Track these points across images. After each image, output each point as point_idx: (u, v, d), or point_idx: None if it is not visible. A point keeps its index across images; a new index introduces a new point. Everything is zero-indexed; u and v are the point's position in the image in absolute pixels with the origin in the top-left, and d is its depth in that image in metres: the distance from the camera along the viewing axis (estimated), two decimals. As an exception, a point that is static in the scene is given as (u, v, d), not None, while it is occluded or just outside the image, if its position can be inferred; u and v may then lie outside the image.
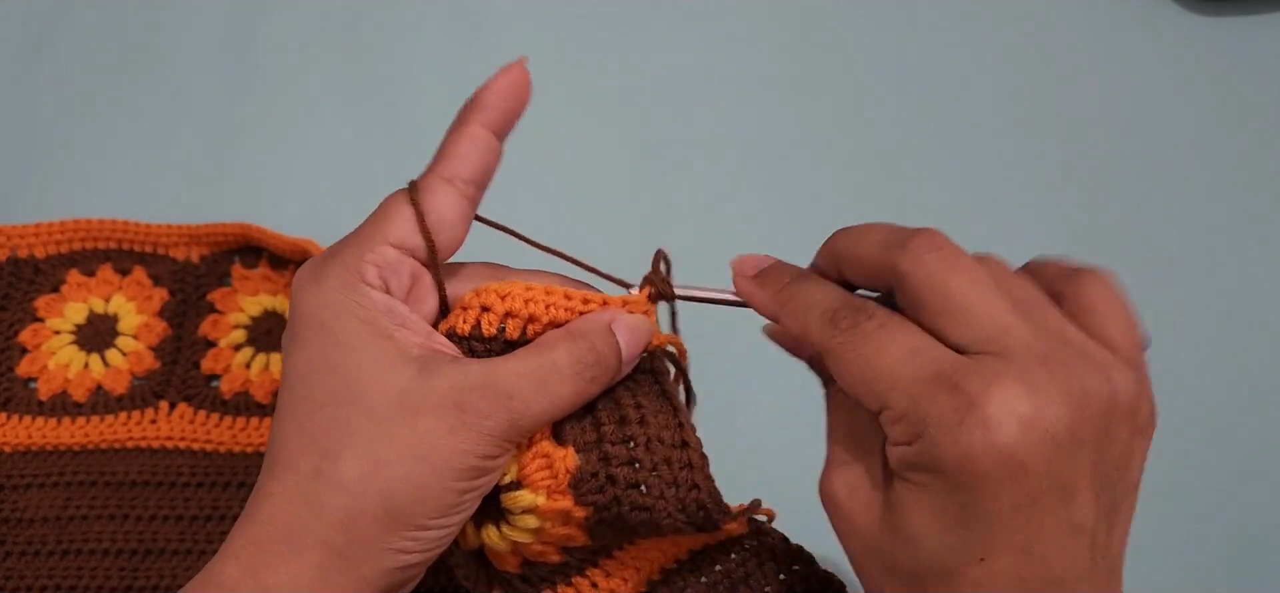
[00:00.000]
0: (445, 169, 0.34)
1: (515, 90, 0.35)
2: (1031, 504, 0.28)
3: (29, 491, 0.50)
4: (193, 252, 0.57)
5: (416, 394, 0.31)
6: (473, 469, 0.32)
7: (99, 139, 0.64)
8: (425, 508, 0.31)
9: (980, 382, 0.28)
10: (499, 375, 0.32)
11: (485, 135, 0.34)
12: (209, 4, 0.70)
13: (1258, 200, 0.61)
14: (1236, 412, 0.54)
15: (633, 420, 0.34)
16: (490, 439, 0.31)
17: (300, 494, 0.31)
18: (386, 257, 0.33)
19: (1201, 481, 0.52)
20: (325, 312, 0.32)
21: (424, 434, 0.31)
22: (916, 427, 0.28)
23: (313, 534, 0.31)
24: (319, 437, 0.31)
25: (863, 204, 0.62)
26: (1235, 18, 0.68)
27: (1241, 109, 0.65)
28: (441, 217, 0.34)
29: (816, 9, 0.69)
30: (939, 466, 0.28)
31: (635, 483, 0.34)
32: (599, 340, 0.34)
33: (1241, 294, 0.58)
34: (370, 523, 0.31)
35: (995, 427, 0.27)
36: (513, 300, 0.34)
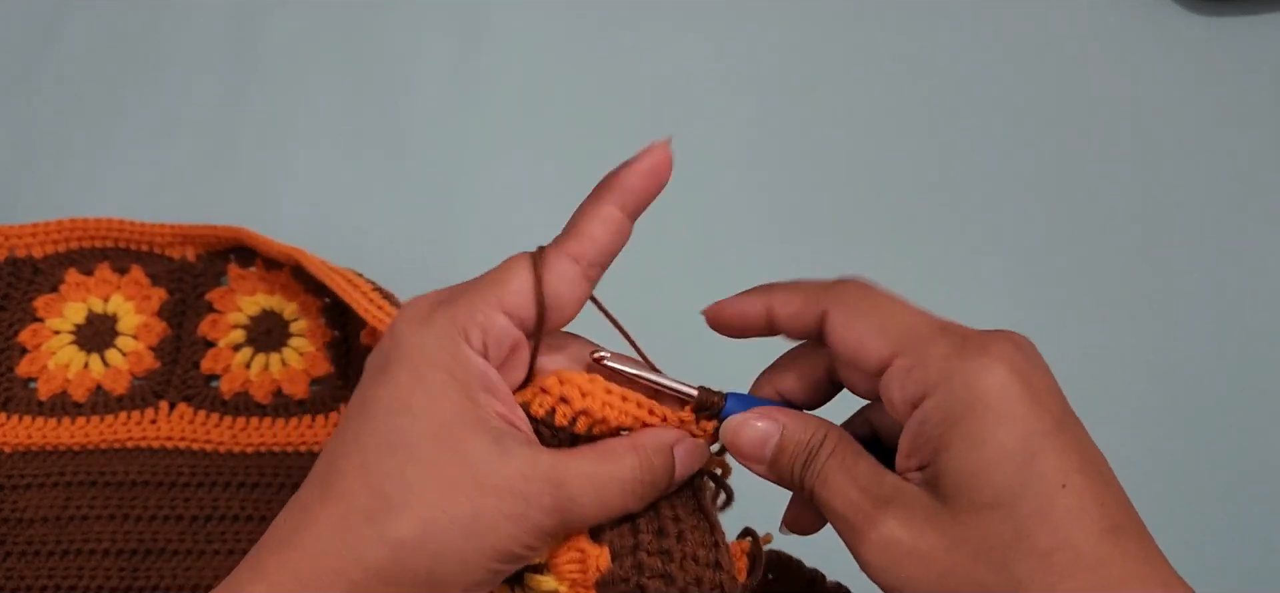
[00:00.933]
0: (573, 247, 0.33)
1: (657, 174, 0.34)
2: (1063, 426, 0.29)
3: (29, 491, 0.50)
4: (188, 251, 0.57)
5: (486, 471, 0.31)
6: (515, 556, 0.32)
7: (99, 139, 0.64)
8: (462, 581, 0.31)
9: (980, 335, 0.30)
10: (566, 476, 0.32)
11: (619, 218, 0.34)
12: (209, 4, 0.70)
13: (1258, 200, 0.61)
14: (1237, 411, 0.54)
15: (670, 533, 0.34)
16: (540, 534, 0.32)
17: (347, 533, 0.31)
18: (495, 323, 0.32)
19: (1201, 481, 0.52)
20: (421, 357, 0.32)
21: (482, 514, 0.31)
22: (937, 369, 0.30)
23: (347, 577, 0.30)
24: (381, 481, 0.31)
25: (862, 204, 0.62)
26: (1235, 18, 0.68)
27: (1241, 109, 0.65)
28: (558, 295, 0.33)
29: (816, 10, 0.69)
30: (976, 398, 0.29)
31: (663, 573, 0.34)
32: (659, 460, 0.34)
33: (1242, 294, 0.58)
34: (408, 581, 0.31)
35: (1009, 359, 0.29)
36: (592, 401, 0.34)
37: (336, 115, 0.65)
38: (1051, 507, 0.28)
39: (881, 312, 0.32)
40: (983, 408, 0.29)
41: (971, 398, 0.29)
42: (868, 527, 0.31)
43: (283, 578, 0.30)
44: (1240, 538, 0.51)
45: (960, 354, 0.29)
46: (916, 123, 0.65)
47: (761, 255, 0.59)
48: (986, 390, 0.29)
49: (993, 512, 0.28)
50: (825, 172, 0.63)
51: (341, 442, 0.32)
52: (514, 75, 0.67)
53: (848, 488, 0.32)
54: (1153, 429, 0.53)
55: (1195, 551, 0.50)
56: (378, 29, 0.69)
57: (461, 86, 0.66)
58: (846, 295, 0.32)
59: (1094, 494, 0.28)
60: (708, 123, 0.65)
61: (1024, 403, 0.29)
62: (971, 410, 0.29)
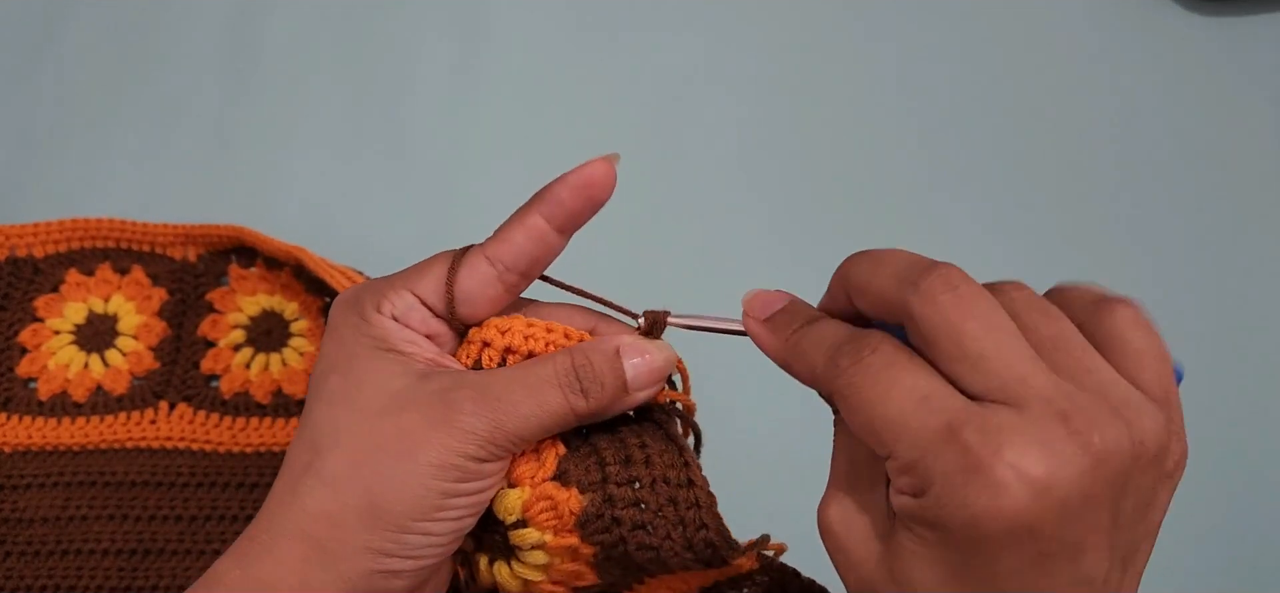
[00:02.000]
0: (492, 249, 0.35)
1: (588, 190, 0.34)
2: (1037, 566, 0.27)
3: (29, 491, 0.50)
4: (189, 251, 0.57)
5: (408, 394, 0.32)
6: (454, 469, 0.31)
7: (99, 139, 0.64)
8: (406, 506, 0.31)
9: (991, 440, 0.26)
10: (490, 380, 0.33)
11: (543, 228, 0.34)
12: (209, 4, 0.70)
13: (1257, 200, 0.61)
14: (1237, 411, 0.54)
15: (638, 461, 0.34)
16: (474, 438, 0.32)
17: (289, 488, 0.32)
18: (402, 299, 0.34)
19: (1201, 482, 0.52)
20: (344, 328, 0.34)
21: (408, 430, 0.31)
22: (922, 481, 0.27)
23: (295, 526, 0.31)
24: (314, 434, 0.33)
25: (862, 205, 0.62)
26: (1235, 18, 0.68)
27: (1241, 109, 0.65)
28: (469, 292, 0.34)
29: (815, 10, 0.69)
30: (943, 524, 0.27)
31: (640, 524, 0.34)
32: (597, 357, 0.34)
33: (1242, 294, 0.58)
34: (351, 518, 0.31)
35: (1004, 490, 0.26)
36: (513, 335, 0.35)
37: (336, 115, 0.65)
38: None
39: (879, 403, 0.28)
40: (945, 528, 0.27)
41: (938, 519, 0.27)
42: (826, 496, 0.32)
43: (243, 546, 0.32)
44: (1238, 538, 0.51)
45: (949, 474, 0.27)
46: (916, 123, 0.65)
47: (762, 255, 0.59)
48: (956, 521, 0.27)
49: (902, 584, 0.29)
50: (825, 172, 0.63)
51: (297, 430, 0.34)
52: (514, 76, 0.67)
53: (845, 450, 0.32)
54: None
55: (1195, 551, 0.50)
56: (378, 29, 0.69)
57: (461, 87, 0.66)
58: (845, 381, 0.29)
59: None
60: (708, 123, 0.65)
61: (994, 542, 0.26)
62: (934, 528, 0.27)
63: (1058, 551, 0.26)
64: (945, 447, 0.27)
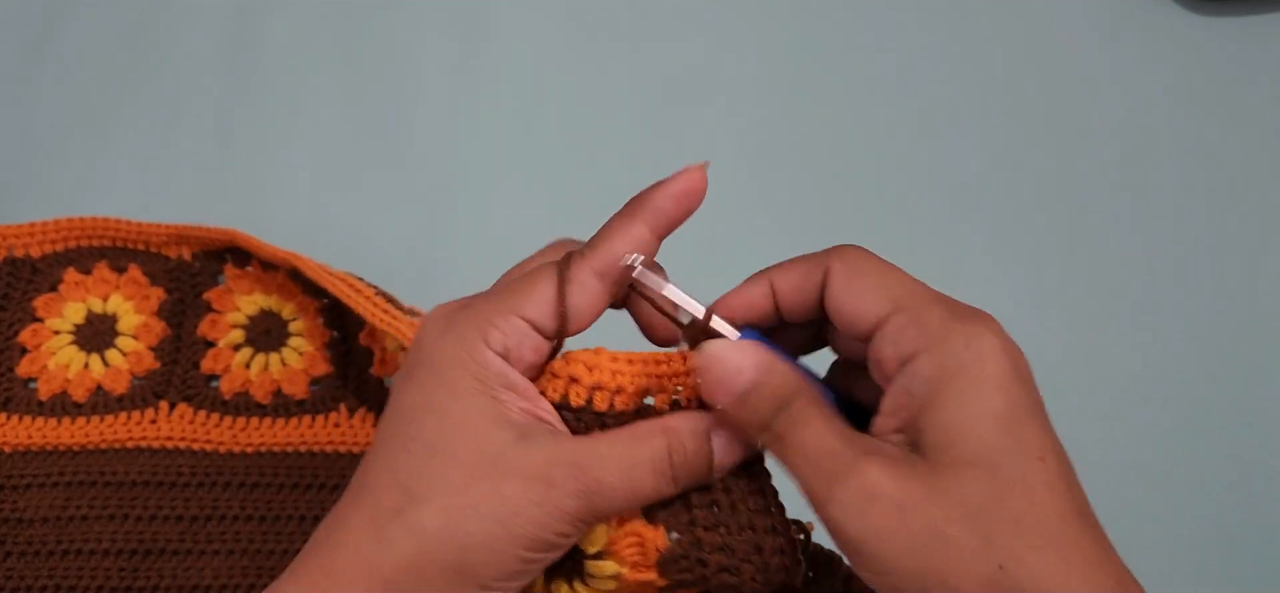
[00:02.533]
0: (601, 263, 0.34)
1: (689, 198, 0.35)
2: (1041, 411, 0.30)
3: (29, 491, 0.50)
4: (184, 251, 0.57)
5: (509, 459, 0.32)
6: (544, 542, 0.32)
7: (98, 139, 0.64)
8: (491, 570, 0.31)
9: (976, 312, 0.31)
10: (590, 459, 0.32)
11: (647, 238, 0.34)
12: (209, 4, 0.70)
13: (1257, 200, 0.61)
14: (1237, 411, 0.54)
15: (723, 504, 0.34)
16: (568, 519, 0.32)
17: (375, 529, 0.31)
18: (514, 327, 0.33)
19: (1201, 481, 0.52)
20: (441, 359, 0.33)
21: (508, 500, 0.31)
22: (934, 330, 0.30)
23: (378, 569, 0.31)
24: (406, 477, 0.32)
25: (861, 205, 0.62)
26: (1235, 18, 0.68)
27: (1241, 109, 0.65)
28: (578, 308, 0.34)
29: (816, 11, 0.69)
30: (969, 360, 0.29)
31: (726, 567, 0.34)
32: (691, 442, 0.34)
33: (1242, 294, 0.58)
34: (437, 573, 0.31)
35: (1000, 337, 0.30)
36: (600, 372, 0.34)
37: (336, 115, 0.65)
38: (1030, 477, 0.28)
39: (881, 274, 0.32)
40: (977, 369, 0.29)
41: (967, 359, 0.29)
42: (848, 474, 0.30)
43: (318, 579, 0.31)
44: (1235, 537, 0.51)
45: (956, 319, 0.30)
46: (915, 123, 0.65)
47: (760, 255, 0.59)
48: (981, 355, 0.29)
49: (974, 470, 0.29)
50: (825, 173, 0.63)
51: (374, 451, 0.33)
52: (514, 76, 0.67)
53: (826, 434, 0.31)
54: (1152, 429, 0.53)
55: (1197, 552, 0.50)
56: (378, 29, 0.69)
57: (461, 87, 0.66)
58: (848, 256, 0.33)
59: (1064, 478, 0.29)
60: (708, 123, 0.65)
61: (1012, 376, 0.29)
62: (965, 371, 0.29)
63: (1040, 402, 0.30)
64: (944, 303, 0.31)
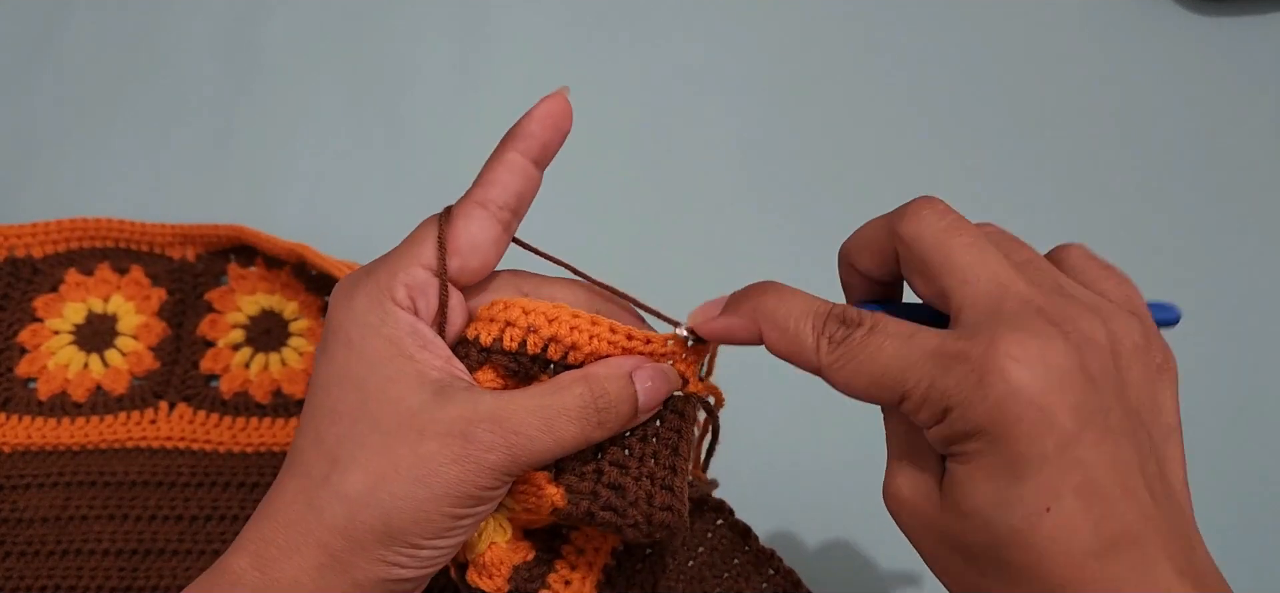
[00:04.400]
0: (480, 194, 0.35)
1: (554, 120, 0.36)
2: (1073, 442, 0.28)
3: (29, 491, 0.50)
4: (188, 251, 0.57)
5: (425, 418, 0.32)
6: (470, 498, 0.33)
7: (99, 139, 0.64)
8: (420, 529, 0.32)
9: (982, 343, 0.28)
10: (508, 410, 0.33)
11: (521, 162, 0.35)
12: (209, 4, 0.70)
13: (1257, 200, 0.61)
14: (1237, 411, 0.54)
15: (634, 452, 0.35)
16: (491, 472, 0.32)
17: (306, 497, 0.33)
18: (416, 278, 0.34)
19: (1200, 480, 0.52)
20: (353, 327, 0.34)
21: (427, 459, 0.32)
22: (940, 402, 0.29)
23: (313, 536, 0.32)
24: (332, 445, 0.33)
25: (861, 205, 0.62)
26: (1235, 18, 0.68)
27: (1241, 109, 0.65)
28: (473, 240, 0.35)
29: (815, 11, 0.69)
30: (976, 428, 0.28)
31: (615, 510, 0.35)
32: (613, 386, 0.34)
33: (1242, 294, 0.58)
34: (366, 534, 0.32)
35: (1011, 374, 0.28)
36: (558, 326, 0.34)
37: (336, 115, 0.65)
38: (1031, 531, 0.28)
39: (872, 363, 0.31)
40: (978, 434, 0.28)
41: (968, 428, 0.29)
42: (892, 470, 0.32)
43: (260, 547, 0.33)
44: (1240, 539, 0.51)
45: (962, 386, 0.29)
46: (915, 123, 0.65)
47: (761, 255, 0.59)
48: (982, 419, 0.28)
49: (971, 520, 0.29)
50: (825, 173, 0.63)
51: (301, 424, 0.34)
52: (514, 76, 0.67)
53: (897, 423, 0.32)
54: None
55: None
56: (378, 29, 0.69)
57: (461, 87, 0.66)
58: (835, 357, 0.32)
59: (1088, 513, 0.28)
60: (707, 122, 0.65)
61: (1023, 423, 0.28)
62: (968, 437, 0.29)
63: (1083, 424, 0.28)
64: (947, 364, 0.29)
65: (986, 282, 0.30)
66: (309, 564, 0.32)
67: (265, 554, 0.32)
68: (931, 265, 0.31)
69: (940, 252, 0.31)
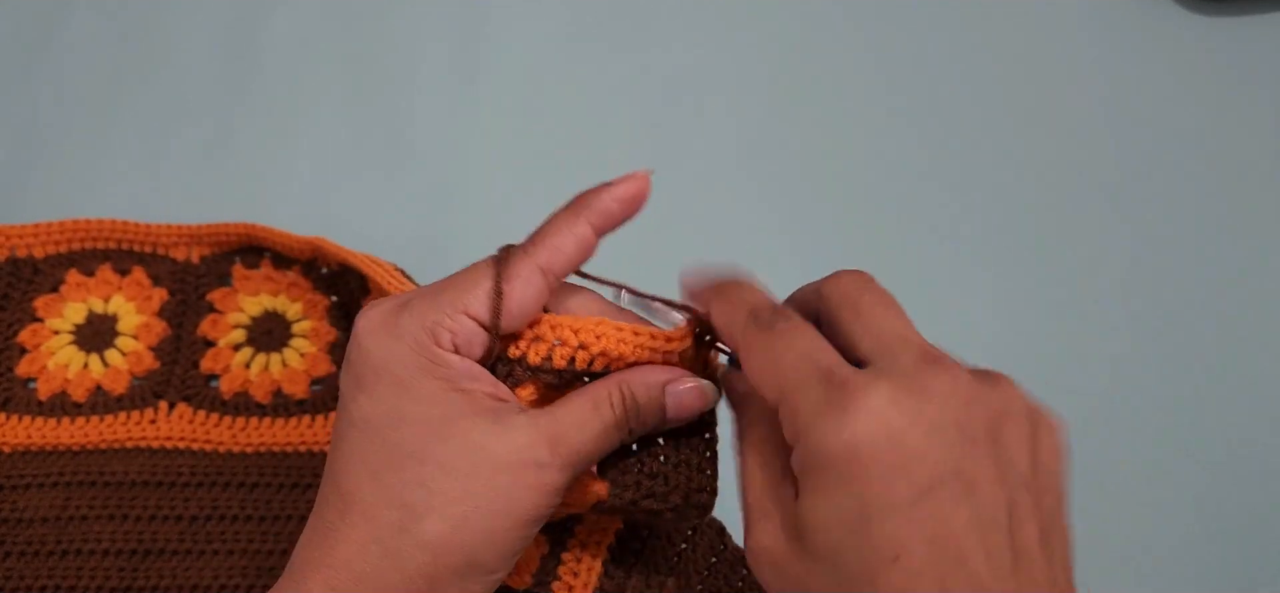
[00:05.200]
0: (543, 258, 0.35)
1: (633, 202, 0.36)
2: (930, 492, 0.27)
3: (28, 491, 0.50)
4: (193, 252, 0.57)
5: (494, 452, 0.33)
6: (541, 517, 0.34)
7: (99, 139, 0.64)
8: (499, 556, 0.33)
9: (864, 379, 0.29)
10: (564, 430, 0.34)
11: (591, 237, 0.35)
12: (209, 4, 0.70)
13: (1258, 200, 0.61)
14: (1236, 411, 0.54)
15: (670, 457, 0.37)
16: (558, 491, 0.34)
17: (380, 547, 0.32)
18: (463, 327, 0.34)
19: (1199, 481, 0.52)
20: (400, 367, 0.33)
21: (502, 492, 0.32)
22: (801, 419, 0.29)
23: (390, 586, 0.32)
24: (400, 492, 0.32)
25: (860, 205, 0.62)
26: (1235, 18, 0.68)
27: (1241, 109, 0.65)
28: (524, 304, 0.34)
29: (814, 12, 0.69)
30: (825, 457, 0.28)
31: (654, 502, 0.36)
32: (642, 394, 0.35)
33: (1242, 294, 0.58)
34: (449, 576, 0.32)
35: (874, 415, 0.28)
36: (586, 335, 0.35)
37: (336, 115, 0.65)
38: (878, 578, 0.27)
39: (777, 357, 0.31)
40: (830, 466, 0.28)
41: (822, 454, 0.28)
42: (753, 523, 0.32)
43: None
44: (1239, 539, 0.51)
45: (826, 407, 0.29)
46: (914, 124, 0.65)
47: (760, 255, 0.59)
48: (835, 449, 0.28)
49: (822, 563, 0.29)
50: (824, 174, 0.63)
51: (344, 461, 0.33)
52: (513, 76, 0.67)
53: (756, 475, 0.33)
54: (1151, 429, 0.53)
55: (1195, 551, 0.50)
56: (378, 29, 0.69)
57: (461, 87, 0.66)
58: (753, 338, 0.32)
59: (938, 571, 0.27)
60: (707, 123, 0.65)
61: (878, 467, 0.28)
62: (820, 466, 0.29)
63: (945, 476, 0.28)
64: (823, 385, 0.29)
65: (889, 334, 0.31)
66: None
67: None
68: (841, 318, 0.32)
69: (851, 306, 0.32)
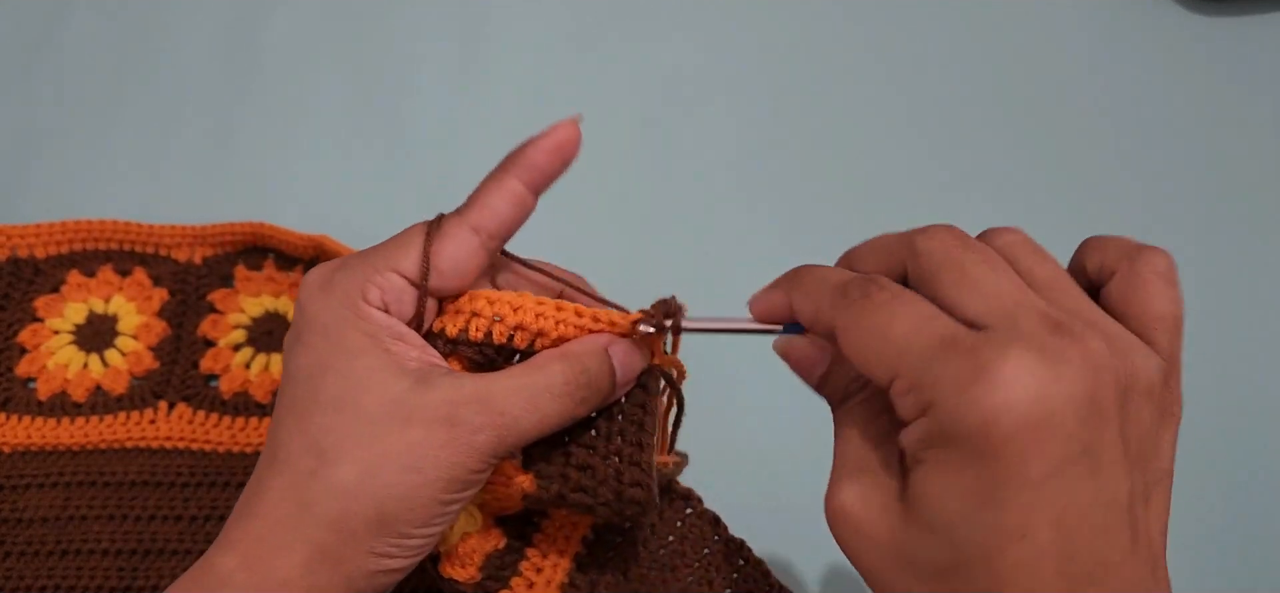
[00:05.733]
0: (474, 217, 0.35)
1: (562, 151, 0.35)
2: (1061, 471, 0.26)
3: (28, 491, 0.50)
4: (196, 253, 0.57)
5: (411, 405, 0.32)
6: (460, 482, 0.33)
7: (99, 139, 0.64)
8: (412, 516, 0.32)
9: (993, 347, 0.27)
10: (492, 391, 0.33)
11: (522, 192, 0.35)
12: (209, 4, 0.70)
13: (1258, 200, 0.61)
14: (1237, 411, 0.54)
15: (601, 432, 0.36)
16: (479, 454, 0.33)
17: (295, 492, 0.32)
18: (392, 284, 0.34)
19: (1200, 481, 0.52)
20: (329, 318, 0.33)
21: (416, 445, 0.32)
22: (929, 394, 0.27)
23: (304, 532, 0.32)
24: (317, 438, 0.32)
25: (861, 206, 0.62)
26: (1235, 18, 0.68)
27: (1241, 109, 0.65)
28: (457, 262, 0.34)
29: (814, 12, 0.69)
30: (958, 433, 0.27)
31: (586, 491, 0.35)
32: (593, 362, 0.34)
33: (1242, 294, 0.58)
34: (359, 526, 0.32)
35: (1012, 386, 0.26)
36: (524, 314, 0.35)
37: (336, 116, 0.65)
38: (999, 555, 0.27)
39: (883, 330, 0.29)
40: (962, 440, 0.27)
41: (953, 429, 0.27)
42: (840, 484, 0.31)
43: (249, 546, 0.32)
44: (1239, 539, 0.51)
45: (955, 380, 0.27)
46: (914, 124, 0.65)
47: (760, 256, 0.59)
48: (970, 424, 0.27)
49: (935, 535, 0.28)
50: (824, 174, 0.63)
51: (278, 416, 0.34)
52: (513, 76, 0.67)
53: (852, 440, 0.32)
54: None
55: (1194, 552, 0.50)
56: (378, 30, 0.69)
57: (462, 87, 0.66)
58: (853, 309, 0.30)
59: (1060, 549, 0.27)
60: (707, 124, 0.65)
61: (1012, 443, 0.26)
62: (950, 441, 0.27)
63: (1076, 454, 0.26)
64: (948, 355, 0.27)
65: (1003, 297, 0.29)
66: (299, 561, 0.32)
67: (254, 553, 0.32)
68: (943, 280, 0.30)
69: (953, 267, 0.30)
